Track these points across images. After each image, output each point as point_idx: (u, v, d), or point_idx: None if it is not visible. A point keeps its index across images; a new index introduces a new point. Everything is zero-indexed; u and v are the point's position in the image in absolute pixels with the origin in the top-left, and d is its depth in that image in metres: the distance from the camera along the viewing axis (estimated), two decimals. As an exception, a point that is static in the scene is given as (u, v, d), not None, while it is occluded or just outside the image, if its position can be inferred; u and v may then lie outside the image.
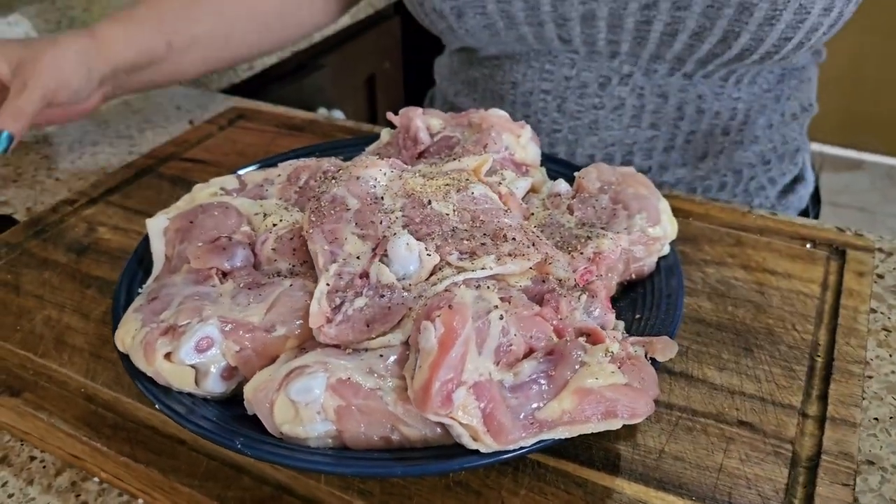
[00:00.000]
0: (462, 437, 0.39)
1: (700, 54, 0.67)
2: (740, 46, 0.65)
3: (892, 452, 0.47)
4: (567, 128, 0.76)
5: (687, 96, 0.72)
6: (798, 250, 0.61)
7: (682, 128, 0.73)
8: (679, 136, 0.74)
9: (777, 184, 0.79)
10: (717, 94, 0.73)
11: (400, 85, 1.63)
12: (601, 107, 0.73)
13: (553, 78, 0.74)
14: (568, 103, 0.74)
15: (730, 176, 0.77)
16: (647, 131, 0.74)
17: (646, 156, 0.75)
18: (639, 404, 0.40)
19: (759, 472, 0.43)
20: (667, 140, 0.74)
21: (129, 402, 0.49)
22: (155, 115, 0.94)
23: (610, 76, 0.72)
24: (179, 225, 0.54)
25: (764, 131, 0.75)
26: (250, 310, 0.46)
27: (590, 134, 0.75)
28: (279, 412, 0.41)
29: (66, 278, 0.60)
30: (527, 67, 0.75)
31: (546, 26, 0.69)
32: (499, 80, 0.80)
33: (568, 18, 0.67)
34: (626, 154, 0.76)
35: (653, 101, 0.72)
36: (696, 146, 0.74)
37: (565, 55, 0.73)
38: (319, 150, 0.69)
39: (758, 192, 0.78)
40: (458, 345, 0.39)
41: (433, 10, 0.74)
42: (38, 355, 0.52)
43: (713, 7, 0.63)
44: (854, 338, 0.52)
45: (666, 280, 0.53)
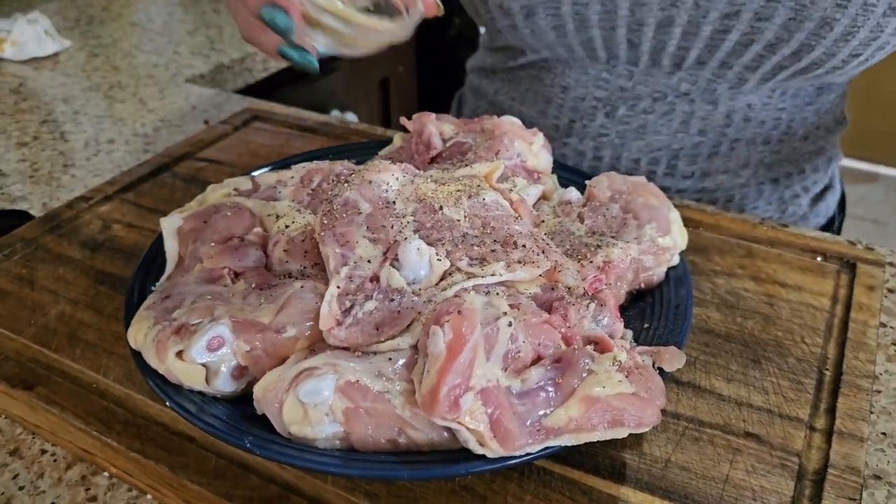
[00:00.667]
0: (469, 441, 0.40)
1: (767, 67, 0.67)
2: (810, 60, 0.65)
3: (881, 464, 0.47)
4: (615, 133, 0.76)
5: (736, 104, 0.72)
6: (808, 263, 0.61)
7: (728, 135, 0.73)
8: (724, 144, 0.74)
9: (810, 192, 0.80)
10: (765, 103, 0.73)
11: (413, 89, 1.64)
12: (651, 112, 0.74)
13: (608, 87, 0.74)
14: (619, 110, 0.75)
15: (767, 184, 0.77)
16: (694, 137, 0.74)
17: (690, 161, 0.76)
18: (646, 414, 0.41)
19: (764, 485, 0.43)
20: (712, 146, 0.74)
21: (141, 398, 0.49)
22: (171, 114, 0.95)
23: (666, 93, 0.72)
24: (193, 225, 0.55)
25: (801, 142, 0.76)
26: (261, 310, 0.47)
27: (637, 139, 0.75)
28: (288, 412, 0.42)
29: (80, 274, 0.60)
30: (581, 73, 0.75)
31: (618, 30, 0.68)
32: (547, 83, 0.79)
33: (643, 24, 0.66)
34: (672, 159, 0.76)
35: (703, 108, 0.73)
36: (739, 154, 0.75)
37: (625, 66, 0.72)
38: (332, 153, 0.69)
39: (792, 200, 0.79)
40: (467, 350, 0.39)
41: (498, 8, 0.72)
42: (52, 350, 0.53)
43: (795, 20, 0.62)
44: (863, 352, 0.52)
45: (675, 290, 0.53)
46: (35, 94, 1.03)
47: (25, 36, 1.12)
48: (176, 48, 1.17)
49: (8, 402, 0.51)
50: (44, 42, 1.14)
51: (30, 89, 1.04)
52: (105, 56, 1.16)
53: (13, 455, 0.49)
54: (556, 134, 0.81)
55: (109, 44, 1.21)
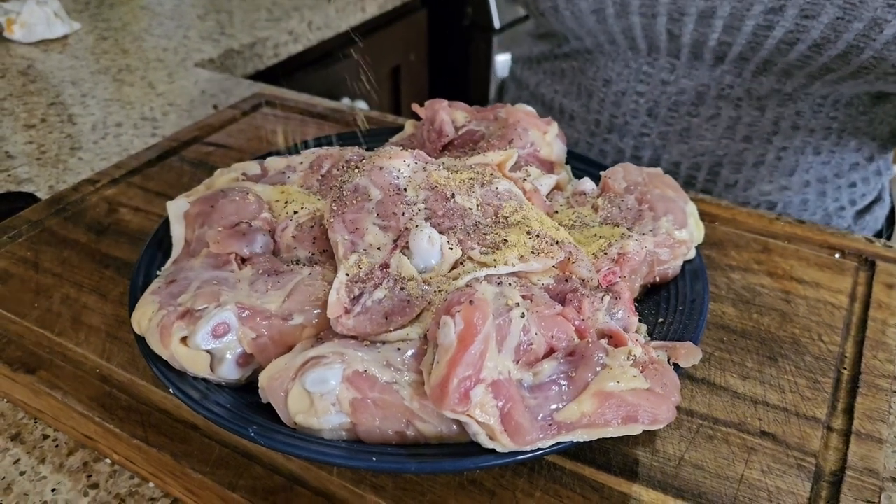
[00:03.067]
0: (479, 435, 0.38)
1: (814, 67, 0.64)
2: (859, 63, 0.61)
3: (916, 470, 0.46)
4: (657, 133, 0.74)
5: (785, 111, 0.69)
6: (826, 259, 0.60)
7: (775, 143, 0.71)
8: (771, 152, 0.71)
9: (857, 204, 0.77)
10: (815, 111, 0.69)
11: (425, 78, 1.62)
12: (696, 114, 0.71)
13: (650, 81, 0.72)
14: (660, 108, 0.72)
15: (813, 195, 0.74)
16: (739, 144, 0.71)
17: (734, 169, 0.73)
18: (660, 410, 0.40)
19: (780, 485, 0.42)
20: (758, 155, 0.71)
21: (144, 384, 0.48)
22: (179, 98, 0.94)
23: (710, 86, 0.70)
24: (200, 209, 0.54)
25: (853, 154, 0.73)
26: (268, 297, 0.46)
27: (680, 142, 0.73)
28: (294, 402, 0.41)
29: (85, 257, 0.60)
30: (623, 67, 0.73)
31: (658, 19, 0.66)
32: (590, 76, 0.77)
33: (685, 13, 0.64)
34: (714, 166, 0.73)
35: (750, 114, 0.70)
36: (787, 162, 0.72)
37: (666, 59, 0.70)
38: (342, 139, 0.68)
39: (837, 211, 0.76)
40: (478, 342, 0.38)
41: None
42: (55, 334, 0.52)
43: (843, 19, 0.59)
44: (882, 351, 0.51)
45: (691, 284, 0.52)
46: (43, 76, 1.02)
47: (35, 18, 1.12)
48: (186, 32, 1.16)
49: (10, 385, 0.50)
50: (53, 24, 1.13)
51: (38, 71, 1.03)
52: (114, 39, 1.15)
53: (14, 440, 0.48)
54: (598, 129, 0.79)
55: (119, 27, 1.20)
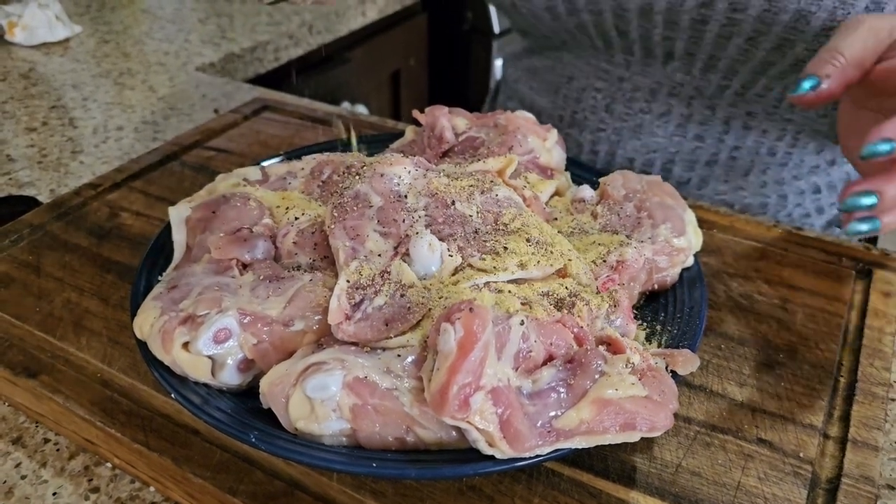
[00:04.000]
0: (478, 442, 0.39)
1: (754, 62, 0.65)
2: (795, 56, 0.63)
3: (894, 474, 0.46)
4: (612, 128, 0.75)
5: (736, 111, 0.70)
6: (823, 267, 0.60)
7: (727, 142, 0.72)
8: (723, 151, 0.72)
9: (825, 213, 0.77)
10: (769, 113, 0.70)
11: (425, 82, 1.63)
12: (648, 111, 0.73)
13: (608, 77, 0.73)
14: (616, 104, 0.74)
15: (773, 198, 0.74)
16: (691, 142, 0.72)
17: (687, 167, 0.74)
18: (658, 417, 0.40)
19: (777, 492, 0.42)
20: (711, 154, 0.72)
21: (145, 389, 0.49)
22: (180, 102, 0.94)
23: (662, 82, 0.71)
24: (202, 214, 0.54)
25: (814, 157, 0.73)
26: (269, 303, 0.46)
27: (633, 138, 0.74)
28: (294, 408, 0.41)
29: (86, 262, 0.60)
30: (584, 63, 0.75)
31: (605, 16, 0.67)
32: (557, 72, 0.80)
33: (626, 9, 0.66)
34: (667, 163, 0.74)
35: (701, 112, 0.71)
36: (741, 162, 0.73)
37: (622, 55, 0.72)
38: (343, 145, 0.68)
39: (802, 219, 0.76)
40: (478, 349, 0.39)
41: None
42: (57, 338, 0.53)
43: (769, 11, 0.60)
44: (878, 359, 0.51)
45: (689, 292, 0.52)
46: (45, 79, 1.02)
47: (36, 21, 1.12)
48: (186, 36, 1.16)
49: (12, 389, 0.50)
50: (54, 27, 1.13)
51: (39, 74, 1.04)
52: (115, 43, 1.15)
53: (16, 444, 0.48)
54: (561, 124, 0.81)
55: (120, 30, 1.20)
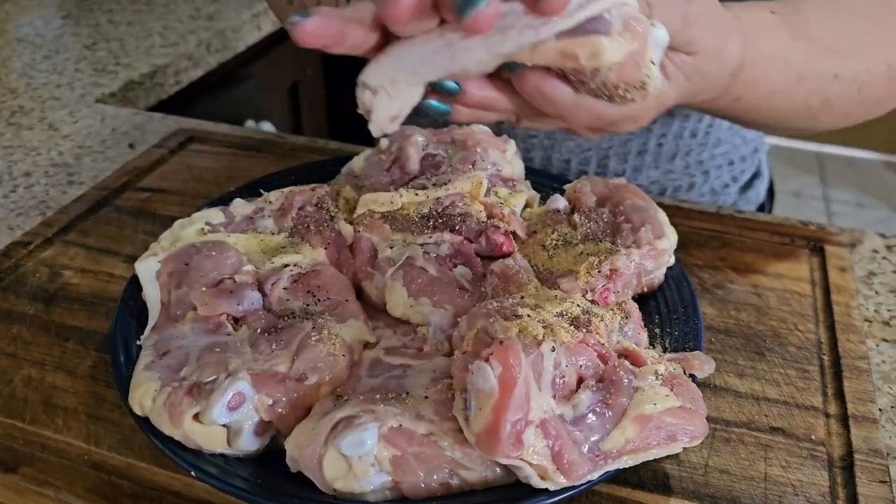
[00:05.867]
0: (531, 477, 0.38)
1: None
2: None
3: (901, 442, 0.49)
4: (544, 133, 0.76)
5: None
6: (779, 248, 0.63)
7: (654, 131, 0.74)
8: (652, 140, 0.75)
9: (739, 181, 0.82)
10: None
11: (322, 91, 1.59)
12: None
13: None
14: None
15: (698, 176, 0.78)
16: (622, 136, 0.75)
17: (621, 160, 0.76)
18: (696, 426, 0.41)
19: (802, 478, 0.44)
20: (640, 144, 0.75)
21: (144, 466, 0.45)
22: (89, 139, 0.87)
23: None
24: (173, 267, 0.50)
25: (727, 134, 0.78)
26: (276, 358, 0.44)
27: (566, 139, 0.75)
28: (330, 468, 0.39)
29: (38, 331, 0.55)
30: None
31: None
32: None
33: None
34: (602, 158, 0.76)
35: None
36: (667, 148, 0.76)
37: None
38: (295, 174, 0.66)
39: (723, 189, 0.81)
40: (521, 383, 0.38)
41: None
42: (27, 422, 0.48)
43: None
44: (852, 333, 0.55)
45: (677, 290, 0.54)
46: (-78, 125, 0.92)
47: None
48: (76, 65, 1.08)
49: (-15, 488, 0.45)
50: (-79, 66, 1.02)
51: (-85, 121, 0.93)
52: (-6, 77, 1.06)
53: (2, 548, 0.44)
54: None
55: (-4, 63, 1.10)
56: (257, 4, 1.30)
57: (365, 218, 0.55)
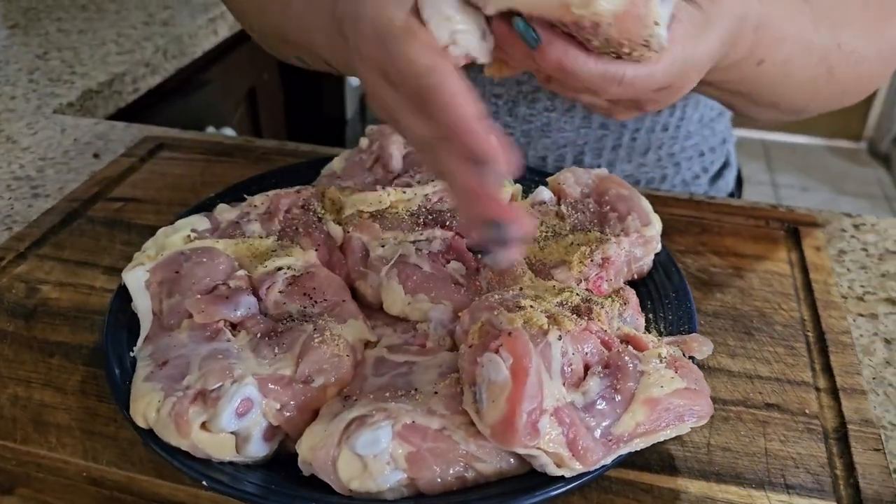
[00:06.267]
0: (546, 466, 0.39)
1: None
2: None
3: (886, 411, 0.51)
4: (520, 131, 0.76)
5: None
6: (756, 231, 0.65)
7: (628, 126, 0.75)
8: (626, 135, 0.76)
9: (709, 171, 0.84)
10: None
11: (280, 95, 1.57)
12: (553, 109, 0.74)
13: (505, 83, 0.74)
14: (520, 107, 0.75)
15: (670, 168, 0.80)
16: (597, 131, 0.76)
17: (596, 155, 0.77)
18: (702, 405, 0.42)
19: (801, 451, 0.45)
20: (615, 139, 0.76)
21: (146, 479, 0.44)
22: (51, 150, 0.85)
23: None
24: (163, 276, 0.49)
25: (697, 126, 0.79)
26: (279, 362, 0.43)
27: (542, 136, 0.76)
28: (344, 468, 0.39)
29: (20, 348, 0.53)
30: (477, 73, 0.75)
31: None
32: None
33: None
34: (578, 154, 0.77)
35: None
36: (640, 142, 0.77)
37: None
38: (275, 178, 0.65)
39: (693, 180, 0.83)
40: (533, 373, 0.38)
41: None
42: (18, 442, 0.46)
43: None
44: (833, 309, 0.56)
45: (666, 276, 0.55)
46: None
47: None
48: (30, 76, 1.05)
49: (-20, 512, 0.44)
50: None
51: None
52: (-59, 91, 1.02)
53: (2, 573, 0.42)
54: None
55: (-59, 76, 1.06)
56: (213, 9, 1.28)
57: (354, 218, 0.55)
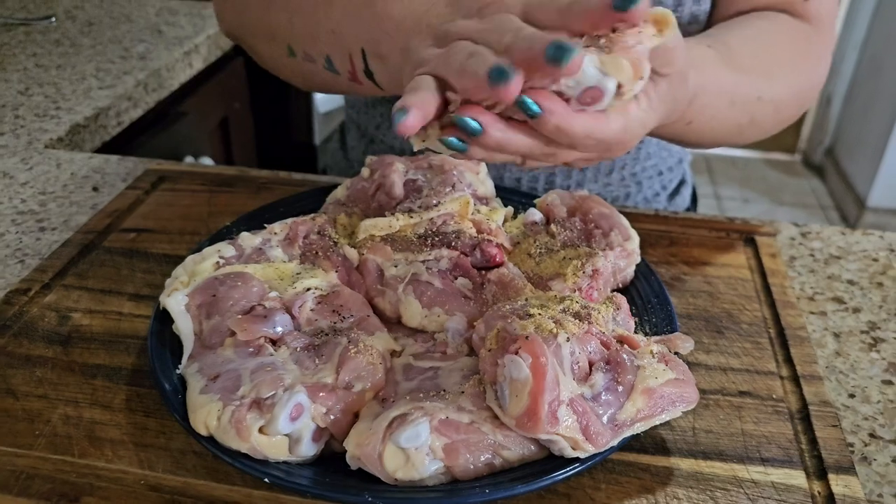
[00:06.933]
0: (564, 449, 0.45)
1: None
2: None
3: (838, 395, 0.59)
4: None
5: None
6: (717, 242, 0.73)
7: None
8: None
9: (668, 188, 0.92)
10: None
11: (250, 124, 1.62)
12: None
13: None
14: None
15: (633, 186, 0.88)
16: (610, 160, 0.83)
17: (566, 176, 0.84)
18: (689, 393, 0.49)
19: (771, 430, 0.53)
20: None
21: (202, 483, 0.49)
22: (49, 185, 0.88)
23: None
24: (201, 300, 0.54)
25: (656, 148, 0.87)
26: (321, 371, 0.49)
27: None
28: (390, 461, 0.45)
29: (63, 372, 0.57)
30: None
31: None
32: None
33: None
34: (550, 175, 0.84)
35: None
36: (605, 163, 0.85)
37: None
38: (284, 206, 0.70)
39: (654, 198, 0.91)
40: (551, 369, 0.45)
41: None
42: (76, 456, 0.50)
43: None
44: (790, 308, 0.64)
45: (646, 283, 0.62)
46: None
47: None
48: (15, 111, 1.07)
49: (47, 521, 0.48)
50: None
51: None
52: (-76, 128, 1.04)
53: (75, 573, 0.46)
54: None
55: (-79, 114, 1.08)
56: (187, 42, 1.32)
57: (367, 242, 0.61)
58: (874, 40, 2.97)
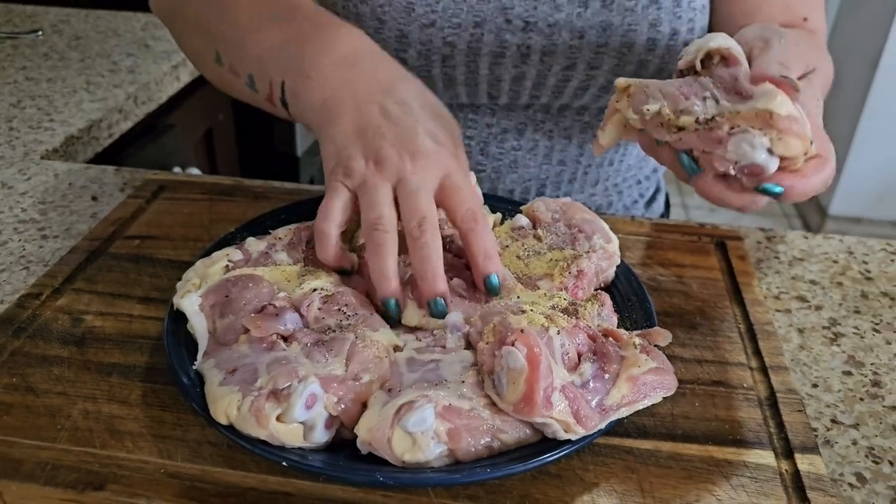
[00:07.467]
0: (557, 432, 0.49)
1: (602, 104, 0.83)
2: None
3: (802, 385, 0.64)
4: (490, 168, 0.88)
5: (586, 137, 0.87)
6: (690, 245, 0.78)
7: (582, 162, 0.88)
8: (580, 170, 0.89)
9: (645, 196, 0.98)
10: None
11: (233, 136, 1.65)
12: (519, 148, 0.86)
13: (476, 126, 0.86)
14: (490, 147, 0.86)
15: (614, 195, 0.93)
16: (556, 167, 0.88)
17: (555, 187, 0.89)
18: (668, 380, 0.53)
19: (743, 415, 0.58)
20: (571, 173, 0.89)
21: (219, 470, 0.52)
22: (49, 195, 0.91)
23: (526, 123, 0.85)
24: (215, 300, 0.58)
25: (635, 160, 0.93)
26: (332, 364, 0.52)
27: (510, 172, 0.88)
28: (398, 444, 0.49)
29: (79, 371, 0.60)
30: (455, 112, 0.86)
31: (480, 86, 0.80)
32: None
33: (501, 80, 0.79)
34: (540, 187, 0.89)
35: (560, 142, 0.87)
36: (591, 175, 0.90)
37: (487, 107, 0.84)
38: (285, 213, 0.74)
39: (633, 205, 0.96)
40: (544, 358, 0.49)
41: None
42: (99, 447, 0.53)
43: (619, 65, 0.78)
44: (758, 306, 0.70)
45: (626, 283, 0.67)
46: None
47: None
48: (9, 123, 1.10)
49: (75, 508, 0.51)
50: None
51: None
52: (-82, 140, 1.06)
53: (102, 555, 0.49)
54: None
55: (-87, 125, 1.10)
56: (174, 56, 1.35)
57: (366, 245, 0.64)
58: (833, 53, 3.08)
